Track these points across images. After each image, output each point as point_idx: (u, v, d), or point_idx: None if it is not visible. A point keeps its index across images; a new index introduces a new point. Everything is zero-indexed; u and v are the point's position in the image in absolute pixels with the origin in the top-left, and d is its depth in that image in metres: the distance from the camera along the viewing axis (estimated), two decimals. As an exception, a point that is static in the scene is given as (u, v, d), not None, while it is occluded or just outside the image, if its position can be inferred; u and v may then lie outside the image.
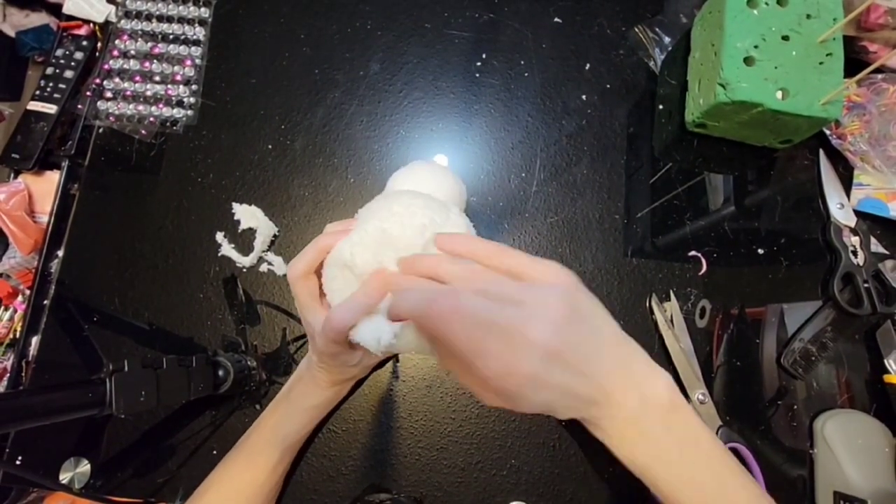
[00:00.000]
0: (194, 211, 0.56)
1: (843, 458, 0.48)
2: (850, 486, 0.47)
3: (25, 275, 0.59)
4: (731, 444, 0.49)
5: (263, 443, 0.46)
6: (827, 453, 0.49)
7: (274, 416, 0.47)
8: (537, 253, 0.55)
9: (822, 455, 0.50)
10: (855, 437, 0.49)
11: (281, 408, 0.47)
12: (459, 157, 0.57)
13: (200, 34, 0.61)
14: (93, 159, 0.57)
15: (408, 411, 0.51)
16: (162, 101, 0.59)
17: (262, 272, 0.54)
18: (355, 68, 0.60)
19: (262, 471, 0.45)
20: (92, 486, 0.50)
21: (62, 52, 0.61)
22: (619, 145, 0.58)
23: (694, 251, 0.55)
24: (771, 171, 0.58)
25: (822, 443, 0.50)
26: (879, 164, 0.54)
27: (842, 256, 0.53)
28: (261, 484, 0.45)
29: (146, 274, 0.54)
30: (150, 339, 0.53)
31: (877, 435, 0.50)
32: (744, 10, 0.50)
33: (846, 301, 0.53)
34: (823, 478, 0.49)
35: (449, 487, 0.50)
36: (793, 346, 0.52)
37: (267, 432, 0.46)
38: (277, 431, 0.46)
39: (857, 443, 0.49)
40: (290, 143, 0.58)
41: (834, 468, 0.49)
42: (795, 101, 0.48)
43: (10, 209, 0.57)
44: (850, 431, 0.50)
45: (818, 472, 0.50)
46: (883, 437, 0.50)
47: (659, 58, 0.60)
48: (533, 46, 0.61)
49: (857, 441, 0.49)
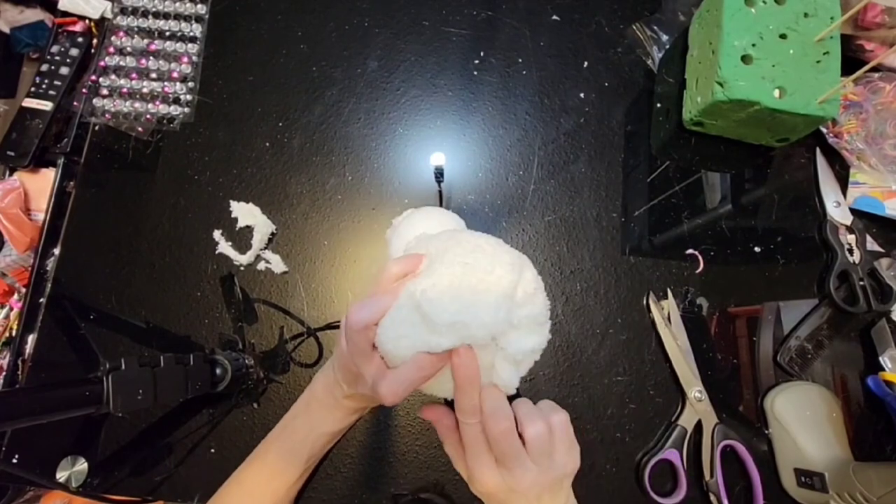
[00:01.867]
0: (191, 209, 0.56)
1: (797, 433, 0.49)
2: (808, 461, 0.48)
3: (21, 273, 0.58)
4: (727, 441, 0.49)
5: (284, 463, 0.45)
6: (781, 431, 0.50)
7: (296, 435, 0.45)
8: (536, 251, 0.55)
9: (777, 433, 0.50)
10: (803, 409, 0.50)
11: (303, 429, 0.45)
12: (457, 155, 0.57)
13: (197, 31, 0.60)
14: (89, 157, 0.57)
15: (406, 409, 0.51)
16: (158, 99, 0.58)
17: (260, 270, 0.54)
18: (353, 66, 0.60)
19: (282, 487, 0.45)
20: (89, 485, 0.49)
21: (57, 48, 0.61)
22: (616, 143, 0.58)
23: (691, 249, 0.55)
24: (768, 170, 0.58)
25: (774, 421, 0.50)
26: (876, 163, 0.54)
27: (838, 254, 0.54)
28: (279, 499, 0.45)
29: (143, 272, 0.54)
30: (147, 338, 0.53)
31: (823, 402, 0.50)
32: (742, 8, 0.50)
33: (842, 299, 0.53)
34: (782, 456, 0.50)
35: (447, 485, 0.50)
36: (789, 344, 0.52)
37: (286, 453, 0.45)
38: (299, 453, 0.45)
39: (806, 414, 0.49)
40: (287, 141, 0.58)
41: (790, 445, 0.49)
42: (792, 100, 0.48)
43: (5, 207, 0.57)
44: (798, 404, 0.50)
45: (777, 452, 0.50)
46: (828, 403, 0.50)
47: (657, 56, 0.60)
48: (531, 44, 0.60)
49: (805, 413, 0.49)
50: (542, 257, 0.55)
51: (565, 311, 0.53)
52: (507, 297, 0.32)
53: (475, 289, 0.32)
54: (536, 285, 0.34)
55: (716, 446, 0.49)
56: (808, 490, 0.47)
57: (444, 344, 0.32)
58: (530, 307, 0.33)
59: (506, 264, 0.33)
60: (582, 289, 0.54)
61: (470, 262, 0.32)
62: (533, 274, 0.34)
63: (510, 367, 0.34)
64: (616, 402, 0.52)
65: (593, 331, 0.53)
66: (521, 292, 0.33)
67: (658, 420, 0.51)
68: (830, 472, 0.46)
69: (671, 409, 0.51)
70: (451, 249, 0.33)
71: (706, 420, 0.50)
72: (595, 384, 0.52)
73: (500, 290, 0.32)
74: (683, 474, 0.49)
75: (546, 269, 0.54)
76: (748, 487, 0.49)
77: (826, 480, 0.46)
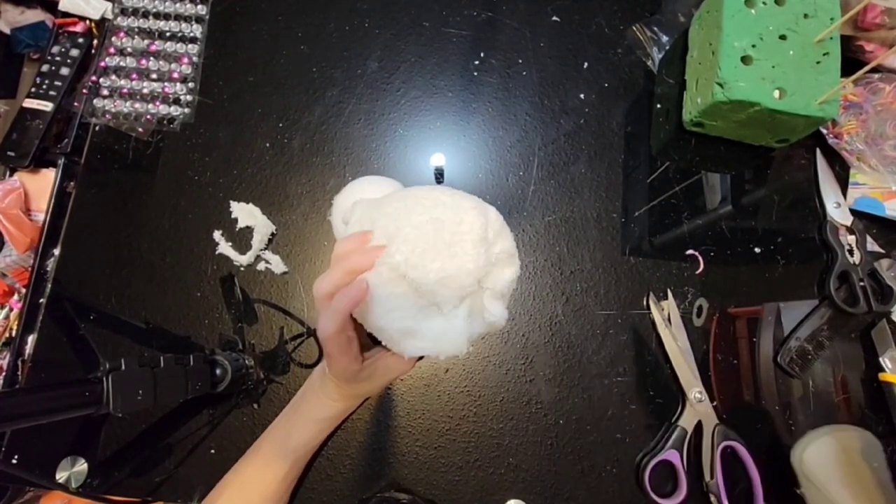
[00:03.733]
0: (191, 209, 0.56)
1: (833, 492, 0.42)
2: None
3: (21, 273, 0.59)
4: (727, 442, 0.49)
5: (273, 453, 0.45)
6: (814, 491, 0.43)
7: (284, 426, 0.46)
8: (536, 252, 0.55)
9: (810, 494, 0.44)
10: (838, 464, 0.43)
11: (291, 418, 0.46)
12: (457, 155, 0.57)
13: (198, 31, 0.60)
14: (89, 157, 0.57)
15: (406, 410, 0.51)
16: (159, 99, 0.58)
17: (260, 271, 0.54)
18: (353, 66, 0.60)
19: (272, 481, 0.45)
20: (89, 486, 0.49)
21: (58, 49, 0.61)
22: (616, 144, 0.58)
23: (691, 250, 0.55)
24: (768, 171, 0.58)
25: (805, 480, 0.44)
26: (876, 164, 0.54)
27: (838, 255, 0.54)
28: (271, 493, 0.45)
29: (143, 272, 0.54)
30: (147, 338, 0.53)
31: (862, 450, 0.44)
32: (741, 9, 0.50)
33: (842, 300, 0.53)
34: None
35: (447, 486, 0.50)
36: (789, 345, 0.52)
37: (277, 442, 0.46)
38: (287, 442, 0.45)
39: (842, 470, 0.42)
40: (287, 142, 0.58)
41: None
42: (792, 101, 0.48)
43: (5, 207, 0.57)
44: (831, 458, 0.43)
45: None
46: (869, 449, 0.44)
47: (657, 57, 0.60)
48: (531, 45, 0.61)
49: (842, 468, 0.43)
50: (542, 257, 0.55)
51: (565, 311, 0.53)
52: (481, 240, 0.34)
53: (451, 242, 0.33)
54: (501, 221, 0.36)
55: (716, 447, 0.49)
56: None
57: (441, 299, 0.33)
58: (502, 242, 0.35)
59: (470, 210, 0.34)
60: (582, 289, 0.54)
61: (437, 216, 0.33)
62: (495, 211, 0.36)
63: (498, 303, 0.35)
64: (616, 402, 0.51)
65: (593, 331, 0.53)
66: (491, 232, 0.35)
67: (658, 421, 0.51)
68: None
69: (671, 409, 0.51)
70: (412, 209, 0.34)
71: (706, 421, 0.50)
72: (595, 385, 0.52)
73: (475, 236, 0.33)
74: (684, 475, 0.49)
75: (546, 269, 0.54)
76: (748, 488, 0.49)
77: None
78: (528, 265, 0.55)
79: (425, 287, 0.32)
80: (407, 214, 0.34)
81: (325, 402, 0.45)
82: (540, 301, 0.54)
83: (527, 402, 0.51)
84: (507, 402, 0.51)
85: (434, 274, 0.32)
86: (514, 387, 0.52)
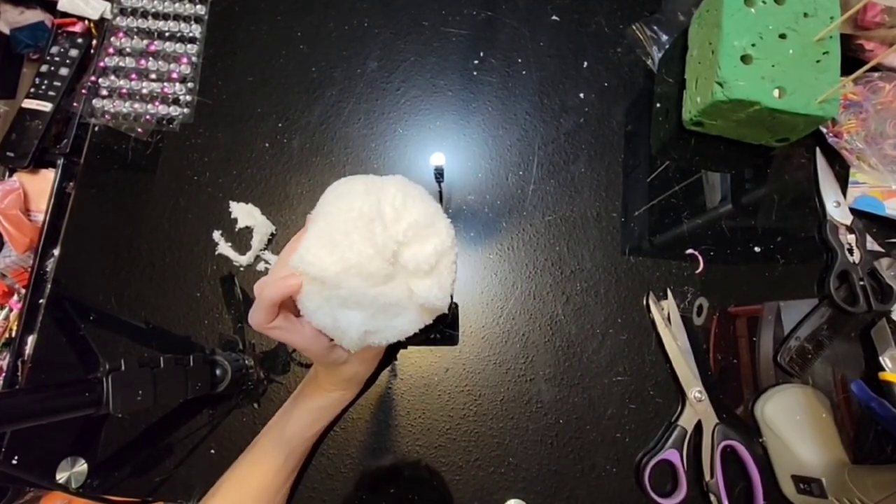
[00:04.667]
0: (191, 209, 0.56)
1: (789, 439, 0.48)
2: (804, 467, 0.47)
3: (21, 274, 0.59)
4: (727, 442, 0.49)
5: (269, 445, 0.46)
6: (774, 439, 0.49)
7: (282, 418, 0.47)
8: (536, 251, 0.55)
9: (771, 441, 0.50)
10: (793, 414, 0.49)
11: (289, 411, 0.47)
12: (457, 155, 0.57)
13: (197, 31, 0.60)
14: (88, 157, 0.57)
15: (406, 410, 0.51)
16: (158, 99, 0.58)
17: (260, 271, 0.54)
18: (353, 66, 0.60)
19: (268, 473, 0.45)
20: (89, 486, 0.49)
21: (57, 49, 0.61)
22: (616, 143, 0.58)
23: (691, 249, 0.55)
24: (767, 170, 0.58)
25: (766, 428, 0.50)
26: (875, 163, 0.54)
27: (838, 254, 0.54)
28: (266, 486, 0.45)
29: (143, 273, 0.54)
30: (147, 338, 0.53)
31: (813, 404, 0.49)
32: (741, 8, 0.50)
33: (842, 299, 0.53)
34: (779, 463, 0.49)
35: (447, 486, 0.50)
36: (789, 344, 0.52)
37: (272, 434, 0.46)
38: (282, 433, 0.46)
39: (796, 419, 0.49)
40: (287, 142, 0.58)
41: (784, 451, 0.48)
42: (792, 100, 0.48)
43: (5, 208, 0.57)
44: (787, 409, 0.49)
45: (773, 459, 0.50)
46: (818, 404, 0.50)
47: (657, 56, 0.60)
48: (531, 44, 0.60)
49: (796, 417, 0.49)
50: (542, 257, 0.55)
51: (565, 311, 0.53)
52: (374, 220, 0.33)
53: (344, 230, 0.33)
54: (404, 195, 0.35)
55: (716, 447, 0.49)
56: (807, 497, 0.47)
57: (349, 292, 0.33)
58: (407, 216, 0.34)
59: (359, 193, 0.33)
60: (582, 289, 0.54)
61: (331, 210, 0.33)
62: (396, 188, 0.35)
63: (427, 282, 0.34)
64: (616, 402, 0.51)
65: (593, 331, 0.53)
66: (389, 209, 0.34)
67: (658, 420, 0.51)
68: (827, 478, 0.46)
69: (671, 409, 0.51)
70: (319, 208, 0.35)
71: (706, 420, 0.50)
72: (595, 384, 0.52)
73: (366, 219, 0.33)
74: (683, 475, 0.49)
75: (546, 269, 0.54)
76: (748, 488, 0.49)
77: (823, 486, 0.46)
78: (528, 265, 0.55)
79: (331, 281, 0.32)
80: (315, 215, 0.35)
81: (319, 392, 0.46)
82: (540, 301, 0.54)
83: (527, 402, 0.51)
84: (507, 402, 0.51)
85: (333, 266, 0.32)
86: (514, 386, 0.52)
